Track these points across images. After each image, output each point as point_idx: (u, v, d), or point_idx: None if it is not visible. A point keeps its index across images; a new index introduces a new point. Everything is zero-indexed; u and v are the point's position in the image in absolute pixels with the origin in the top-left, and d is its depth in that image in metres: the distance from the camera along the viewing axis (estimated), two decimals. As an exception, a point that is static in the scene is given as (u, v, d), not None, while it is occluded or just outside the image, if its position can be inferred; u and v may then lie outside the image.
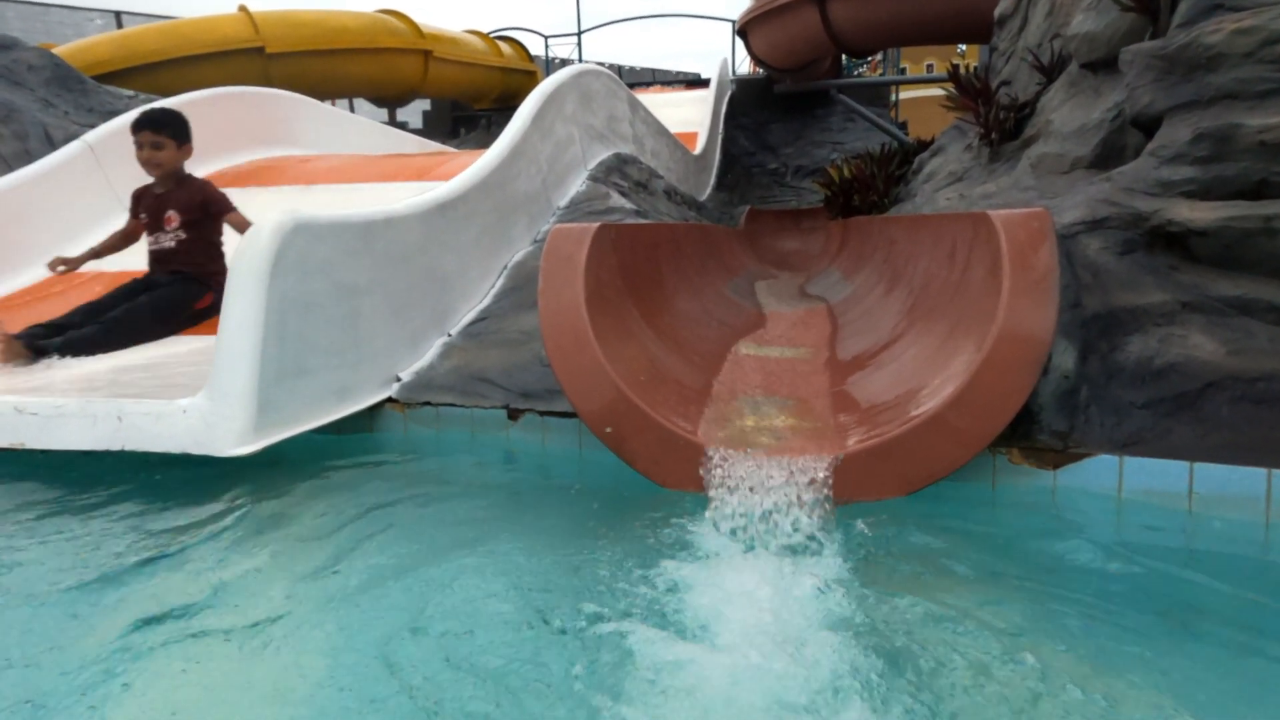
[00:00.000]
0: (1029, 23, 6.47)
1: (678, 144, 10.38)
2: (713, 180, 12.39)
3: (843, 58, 15.60)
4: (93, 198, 6.19)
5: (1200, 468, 2.96)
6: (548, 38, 19.84)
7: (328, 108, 9.32)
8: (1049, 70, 5.60)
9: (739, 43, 16.09)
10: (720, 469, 3.05)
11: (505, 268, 5.37)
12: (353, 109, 15.58)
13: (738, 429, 3.38)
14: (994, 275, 3.14)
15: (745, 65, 18.68)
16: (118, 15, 15.13)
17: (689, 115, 13.36)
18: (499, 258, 5.36)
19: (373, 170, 7.08)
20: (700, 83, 17.58)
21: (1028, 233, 3.12)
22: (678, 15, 19.93)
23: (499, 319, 4.77)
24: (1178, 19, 3.82)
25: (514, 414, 3.99)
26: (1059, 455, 3.14)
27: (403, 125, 15.40)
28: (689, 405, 3.58)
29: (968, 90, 6.49)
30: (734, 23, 16.47)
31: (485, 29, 17.80)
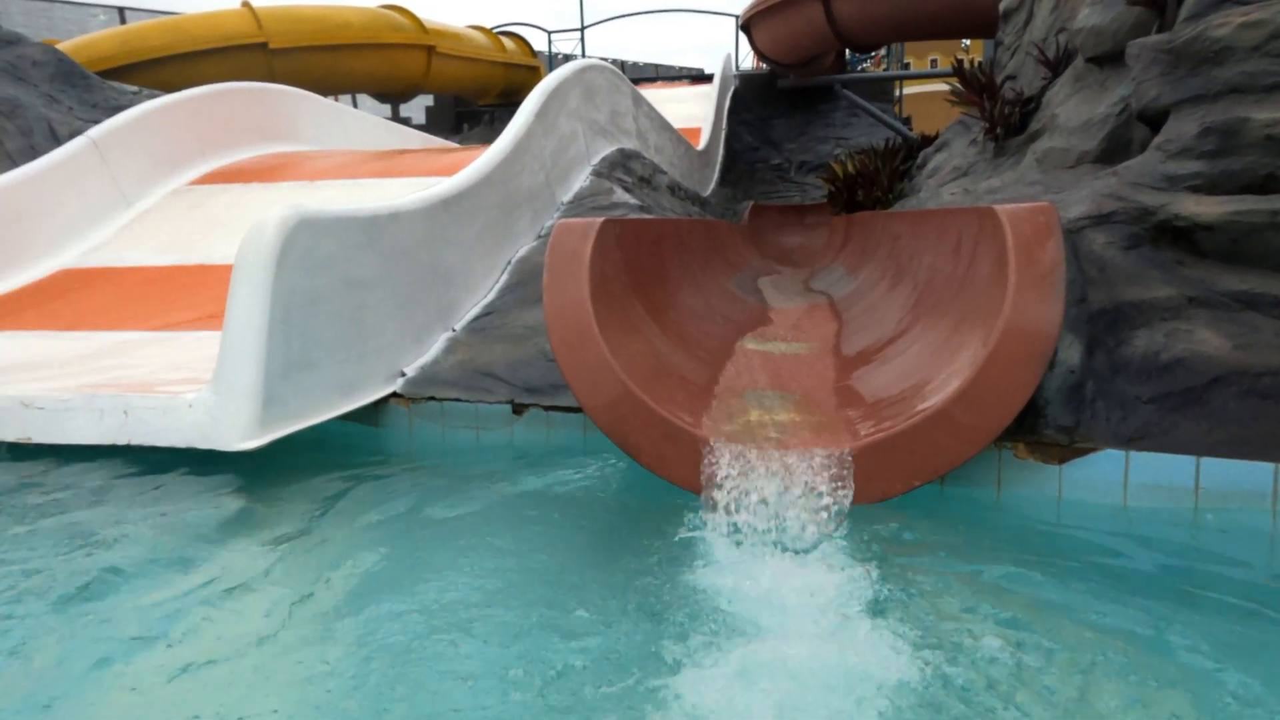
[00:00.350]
0: (1034, 17, 6.45)
1: (681, 139, 10.36)
2: (716, 176, 12.36)
3: (846, 53, 15.54)
4: (97, 193, 6.20)
5: (1207, 462, 2.96)
6: (551, 33, 19.77)
7: (331, 103, 9.32)
8: (1054, 64, 5.58)
9: (742, 38, 16.07)
10: (725, 463, 3.04)
11: (509, 263, 5.37)
12: (355, 105, 15.58)
13: (742, 424, 3.38)
14: (1000, 270, 3.14)
15: (749, 60, 18.64)
16: (121, 11, 15.12)
17: (692, 110, 13.34)
18: (503, 253, 5.36)
19: (377, 166, 7.08)
20: (704, 78, 17.53)
21: (1033, 227, 3.11)
22: (681, 10, 19.82)
23: (503, 314, 4.77)
24: (1184, 12, 3.80)
25: (519, 409, 3.99)
26: (1065, 450, 3.13)
27: (406, 121, 15.38)
28: (693, 400, 3.58)
29: (972, 85, 6.47)
30: (737, 18, 16.43)
31: (488, 24, 17.78)
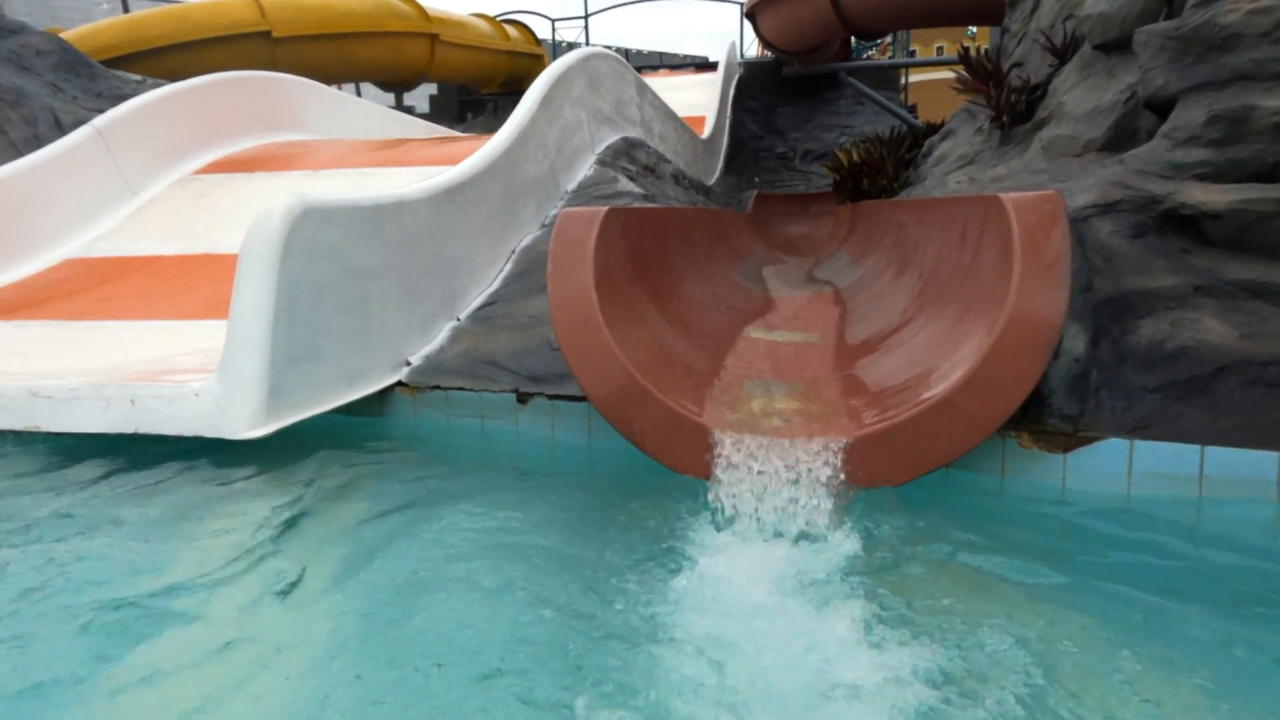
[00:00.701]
0: (1041, 4, 6.40)
1: (685, 128, 10.33)
2: (720, 164, 12.32)
3: (852, 40, 15.45)
4: (102, 182, 6.20)
5: (1211, 451, 2.95)
6: (554, 21, 19.68)
7: (335, 92, 9.30)
8: (1061, 52, 5.54)
9: (747, 25, 15.98)
10: (729, 452, 3.05)
11: (514, 252, 5.37)
12: (359, 93, 15.54)
13: (746, 412, 3.39)
14: (1005, 259, 3.13)
15: (753, 48, 18.54)
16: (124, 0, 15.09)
17: (697, 99, 13.29)
18: (507, 242, 5.36)
19: (381, 155, 7.07)
20: (708, 66, 17.45)
21: (1039, 216, 3.10)
22: (686, -3, 19.69)
23: (508, 303, 4.77)
24: (1193, -1, 3.77)
25: (523, 398, 4.00)
26: (1069, 439, 3.13)
27: (409, 110, 15.34)
28: (698, 389, 3.58)
29: (979, 73, 6.43)
30: (742, 5, 16.34)
31: (491, 12, 17.69)
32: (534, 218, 5.74)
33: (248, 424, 3.40)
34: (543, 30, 19.06)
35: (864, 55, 20.62)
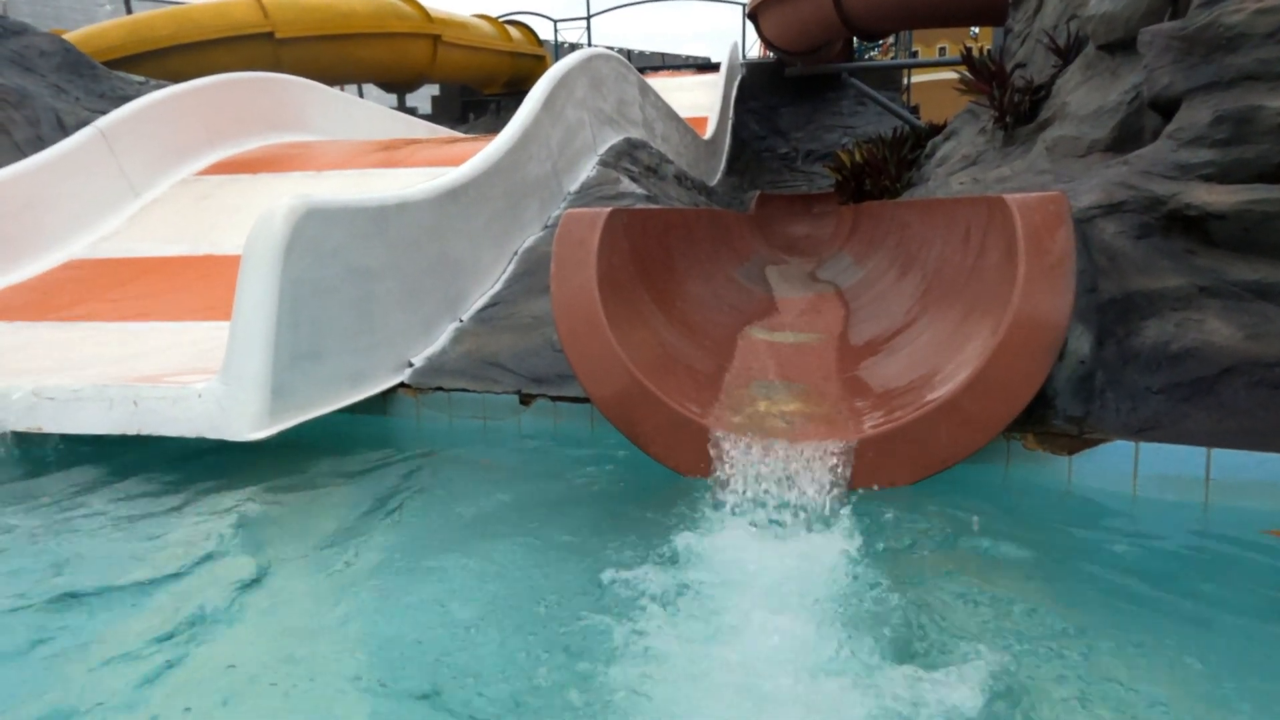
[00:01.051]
0: (1045, 4, 6.39)
1: (688, 129, 10.32)
2: (723, 165, 12.32)
3: (854, 41, 15.45)
4: (105, 183, 6.20)
5: (1218, 453, 2.94)
6: (557, 21, 19.70)
7: (337, 93, 9.31)
8: (1065, 52, 5.53)
9: (749, 26, 15.96)
10: (732, 454, 3.04)
11: (516, 253, 5.36)
12: (361, 94, 15.55)
13: (750, 414, 3.38)
14: (1009, 260, 3.12)
15: (756, 49, 18.53)
16: (127, 0, 15.10)
17: (699, 99, 13.29)
18: (510, 243, 5.36)
19: (384, 156, 7.07)
20: (710, 67, 17.45)
21: (1044, 216, 3.10)
22: (688, -2, 19.69)
23: (510, 304, 4.77)
24: (1198, -1, 3.76)
25: (526, 399, 4.00)
26: (1074, 441, 3.12)
27: (412, 111, 15.34)
28: (701, 390, 3.58)
29: (982, 73, 6.42)
30: (744, 6, 16.34)
31: (494, 13, 17.71)
32: (537, 219, 5.73)
33: (251, 425, 3.39)
34: (545, 31, 19.07)
35: (866, 56, 20.61)
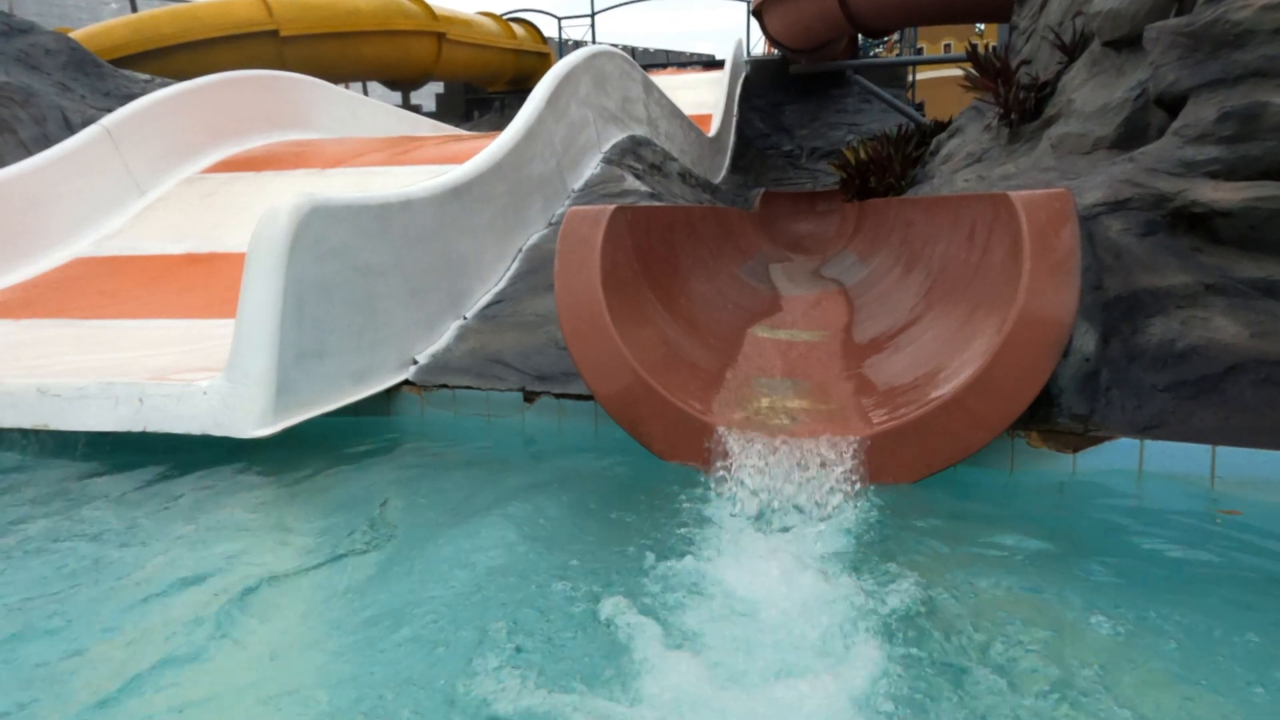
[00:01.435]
0: (1050, 0, 6.37)
1: (692, 126, 10.31)
2: (727, 163, 12.31)
3: (859, 38, 15.42)
4: (110, 181, 6.22)
5: (1223, 451, 2.93)
6: (561, 19, 19.76)
7: (342, 91, 9.31)
8: (1070, 49, 5.51)
9: (754, 23, 15.95)
10: (736, 451, 3.04)
11: (520, 250, 5.36)
12: (366, 92, 15.57)
13: (754, 411, 3.38)
14: (1014, 257, 3.11)
15: (760, 46, 18.51)
16: (132, -1, 15.14)
17: (703, 97, 13.29)
18: (514, 240, 5.36)
19: (388, 154, 7.08)
20: (715, 64, 17.43)
21: (1049, 214, 3.09)
22: (692, -5, 19.67)
23: (514, 301, 4.77)
24: (1204, -5, 3.74)
25: (530, 397, 4.00)
26: (1079, 438, 3.11)
27: (416, 109, 15.37)
28: (705, 388, 3.58)
29: (987, 70, 6.40)
30: (749, 3, 16.32)
31: (498, 11, 17.73)
32: (541, 216, 5.73)
33: (255, 422, 3.40)
34: (549, 28, 19.10)
35: (871, 53, 20.58)
